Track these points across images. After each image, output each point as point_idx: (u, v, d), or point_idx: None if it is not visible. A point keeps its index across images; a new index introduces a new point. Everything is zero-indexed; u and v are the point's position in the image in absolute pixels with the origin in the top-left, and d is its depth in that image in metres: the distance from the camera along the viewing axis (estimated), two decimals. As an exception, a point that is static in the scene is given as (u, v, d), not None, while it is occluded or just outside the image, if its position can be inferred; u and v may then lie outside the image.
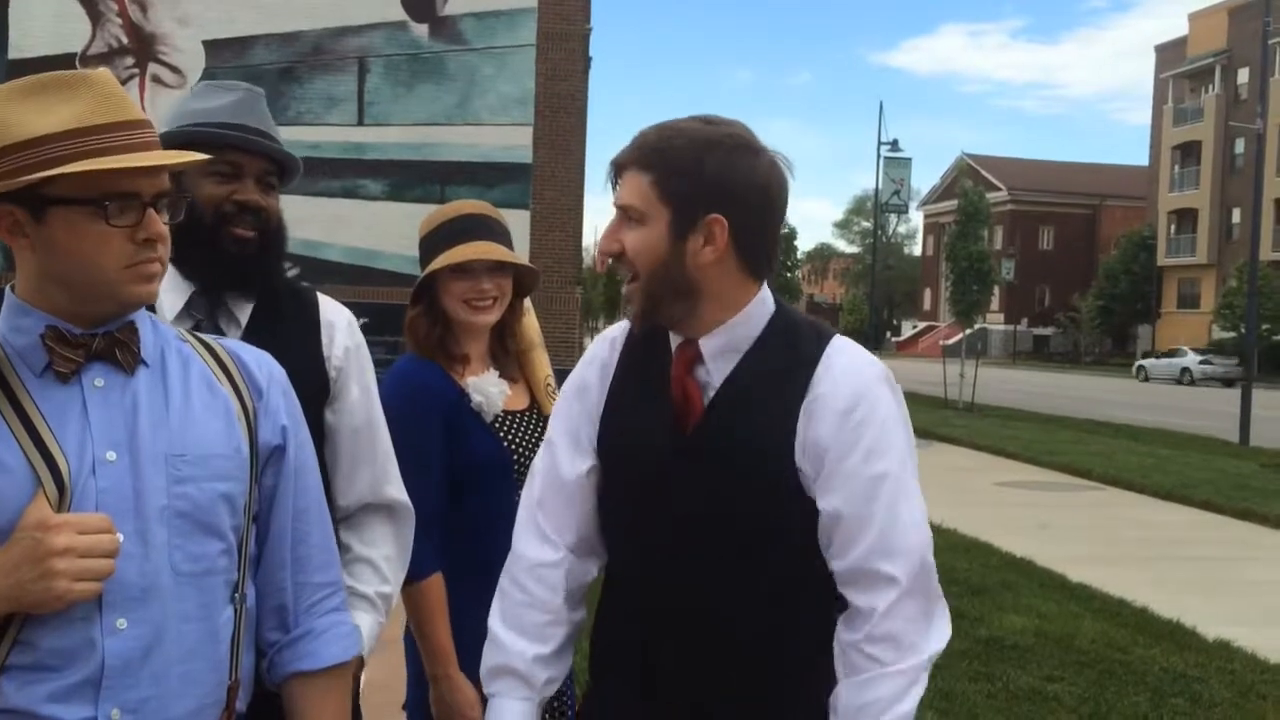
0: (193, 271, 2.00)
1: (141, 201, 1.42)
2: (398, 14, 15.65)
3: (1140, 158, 61.90)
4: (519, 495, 2.51)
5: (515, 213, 15.12)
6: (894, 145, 30.40)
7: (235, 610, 1.52)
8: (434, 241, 2.54)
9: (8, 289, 1.48)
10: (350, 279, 14.46)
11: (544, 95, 16.18)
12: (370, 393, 2.14)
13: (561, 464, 1.84)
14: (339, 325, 2.11)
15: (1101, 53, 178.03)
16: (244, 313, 2.03)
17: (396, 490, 2.13)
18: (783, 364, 1.72)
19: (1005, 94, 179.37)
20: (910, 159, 30.90)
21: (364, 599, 2.04)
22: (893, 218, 47.68)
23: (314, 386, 2.04)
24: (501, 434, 2.52)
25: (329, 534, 1.68)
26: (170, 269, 1.99)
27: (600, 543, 1.87)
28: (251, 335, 2.00)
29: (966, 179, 26.83)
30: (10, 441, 1.37)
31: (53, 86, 1.41)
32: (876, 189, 31.61)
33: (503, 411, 2.54)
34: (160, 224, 1.45)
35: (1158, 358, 41.23)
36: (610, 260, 1.72)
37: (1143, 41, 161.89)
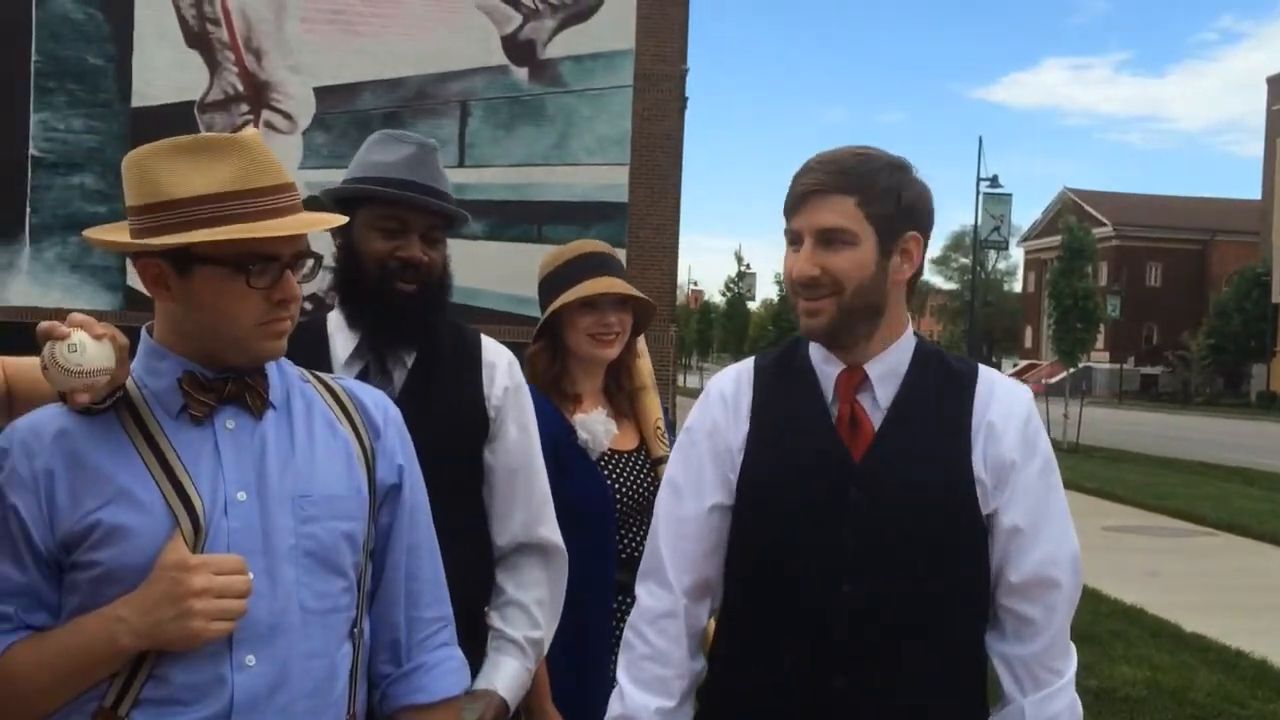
0: (358, 322, 2.08)
1: (280, 264, 1.49)
2: (499, 59, 16.01)
3: (1253, 191, 59.92)
4: (619, 535, 2.55)
5: (611, 251, 15.29)
6: (994, 181, 29.92)
7: (354, 645, 1.56)
8: (558, 278, 2.61)
9: (143, 330, 1.55)
10: (450, 317, 14.73)
11: (640, 135, 16.35)
12: (529, 433, 2.18)
13: (685, 502, 1.84)
14: (500, 366, 2.16)
15: (1210, 85, 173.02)
16: (410, 354, 2.10)
17: (550, 531, 2.17)
18: (942, 383, 1.79)
19: (1110, 128, 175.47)
20: (1011, 195, 30.41)
21: (513, 643, 2.07)
22: (992, 254, 46.86)
23: (474, 425, 2.10)
24: (606, 472, 2.55)
25: (439, 569, 1.72)
26: (342, 314, 2.10)
27: (718, 585, 1.86)
28: (416, 376, 2.08)
29: (1070, 214, 26.29)
30: (149, 482, 1.43)
31: (206, 148, 1.48)
32: (975, 225, 31.14)
33: (609, 450, 2.58)
34: (295, 286, 1.51)
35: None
36: (800, 285, 1.75)
37: (1253, 73, 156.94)
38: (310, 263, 1.55)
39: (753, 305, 56.39)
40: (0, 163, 14.61)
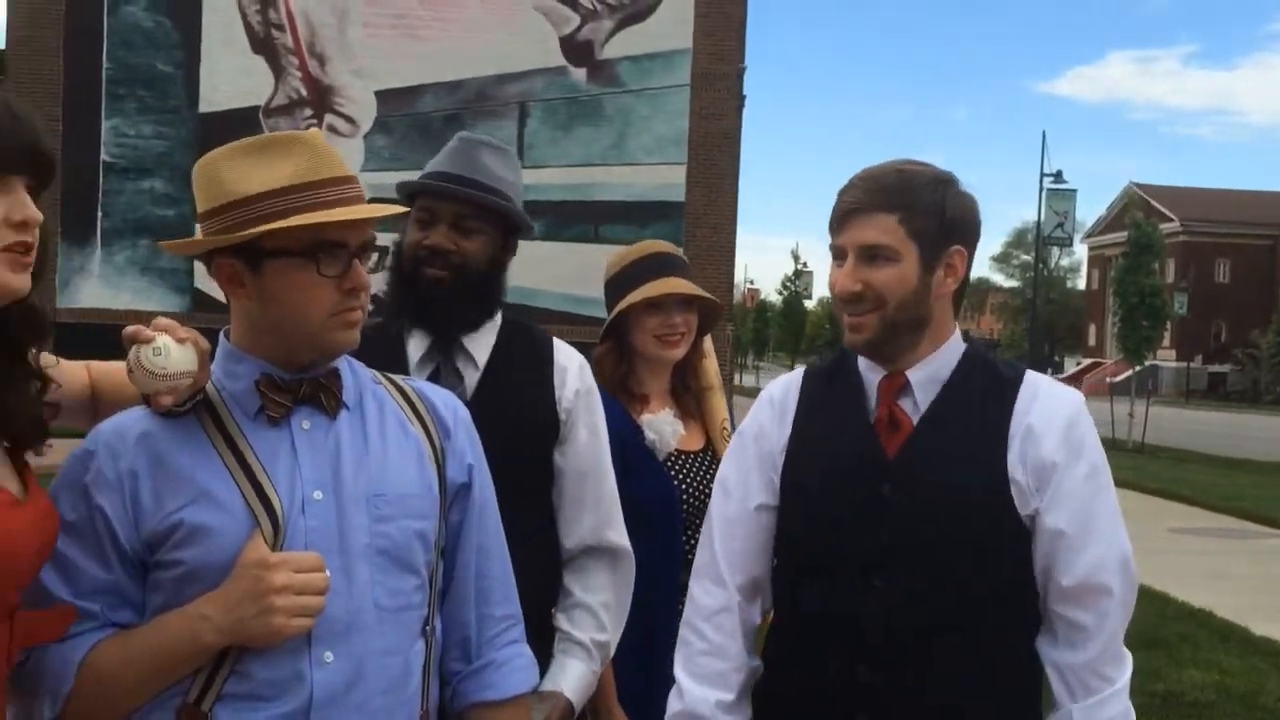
0: (399, 310, 2.13)
1: (348, 252, 1.52)
2: (557, 60, 16.11)
3: (1327, 185, 58.26)
4: (685, 536, 2.56)
5: (669, 251, 15.30)
6: (1058, 176, 29.43)
7: (426, 643, 1.59)
8: (624, 279, 2.63)
9: (221, 335, 1.59)
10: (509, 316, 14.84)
11: (697, 134, 16.35)
12: (598, 436, 2.20)
13: (733, 502, 1.90)
14: (571, 369, 2.19)
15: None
16: (482, 355, 2.13)
17: (618, 535, 2.19)
18: (985, 388, 1.80)
19: (1177, 121, 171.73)
20: (1075, 190, 29.82)
21: (579, 645, 2.10)
22: (1055, 251, 46.04)
23: (544, 428, 2.12)
24: (673, 473, 2.57)
25: (509, 568, 1.75)
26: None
27: (767, 585, 1.91)
28: (488, 377, 2.11)
29: (1136, 210, 25.76)
30: (229, 483, 1.47)
31: (271, 146, 1.53)
32: (1039, 221, 30.66)
33: (676, 451, 2.59)
34: (364, 274, 1.54)
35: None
36: (842, 299, 1.79)
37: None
38: (376, 255, 1.59)
39: (810, 304, 55.99)
40: (74, 169, 14.98)
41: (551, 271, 14.05)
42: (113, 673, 1.43)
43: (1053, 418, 1.76)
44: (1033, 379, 1.83)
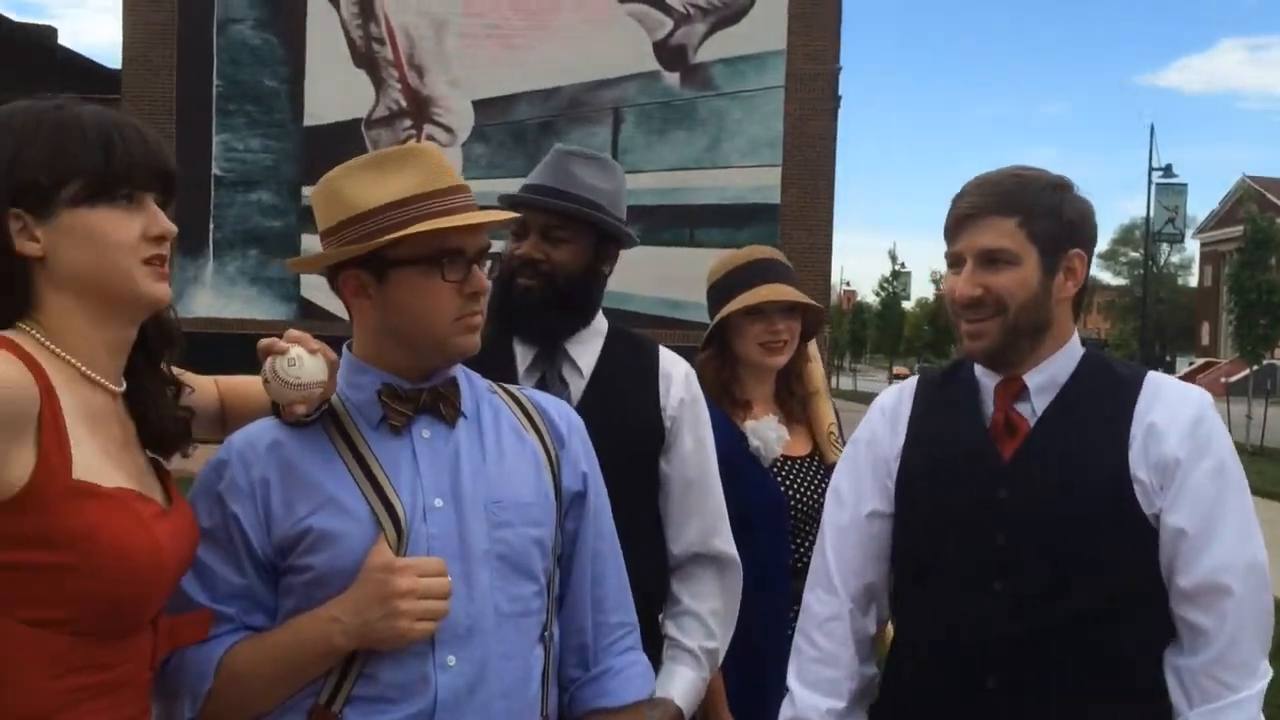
0: (497, 318, 2.16)
1: (468, 258, 1.56)
2: (651, 65, 16.14)
3: None
4: (795, 542, 2.54)
5: (765, 253, 15.18)
6: (1167, 171, 28.52)
7: (545, 648, 1.62)
8: (727, 286, 2.63)
9: (345, 347, 1.64)
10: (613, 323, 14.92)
11: (792, 136, 16.22)
12: (704, 445, 2.20)
13: (846, 509, 1.90)
14: (676, 377, 2.20)
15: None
16: (587, 363, 2.16)
17: (725, 543, 2.19)
18: (1104, 390, 1.78)
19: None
20: (1186, 184, 28.79)
21: (688, 653, 2.11)
22: (1164, 247, 44.53)
23: (650, 434, 2.14)
24: (780, 479, 2.55)
25: (624, 575, 1.76)
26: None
27: (881, 593, 1.90)
28: (594, 385, 2.13)
29: (1251, 203, 24.81)
30: (355, 491, 1.51)
31: (388, 160, 1.57)
32: (1148, 217, 29.71)
33: (782, 457, 2.58)
34: (484, 279, 1.59)
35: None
36: (960, 305, 1.77)
37: None
38: (490, 262, 1.63)
39: (908, 305, 55.07)
40: (188, 183, 15.51)
41: (646, 275, 14.05)
42: (248, 673, 1.48)
43: (1176, 415, 1.72)
44: (1155, 379, 1.79)
